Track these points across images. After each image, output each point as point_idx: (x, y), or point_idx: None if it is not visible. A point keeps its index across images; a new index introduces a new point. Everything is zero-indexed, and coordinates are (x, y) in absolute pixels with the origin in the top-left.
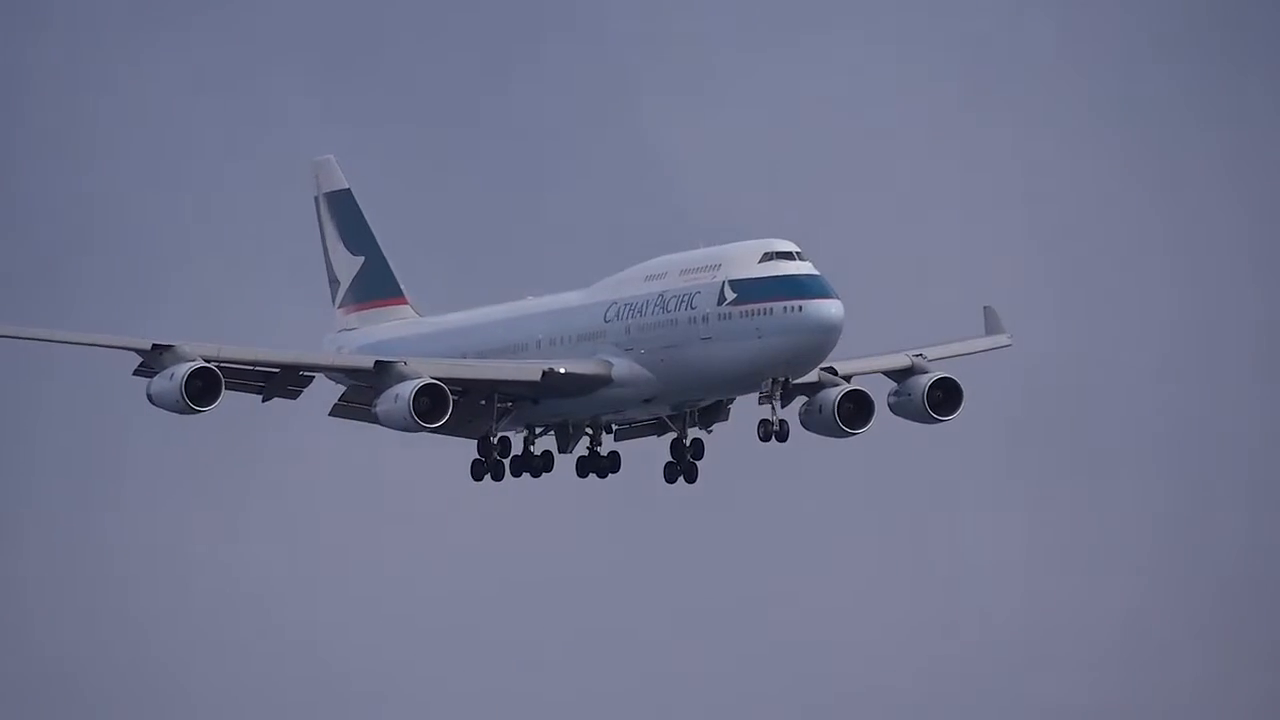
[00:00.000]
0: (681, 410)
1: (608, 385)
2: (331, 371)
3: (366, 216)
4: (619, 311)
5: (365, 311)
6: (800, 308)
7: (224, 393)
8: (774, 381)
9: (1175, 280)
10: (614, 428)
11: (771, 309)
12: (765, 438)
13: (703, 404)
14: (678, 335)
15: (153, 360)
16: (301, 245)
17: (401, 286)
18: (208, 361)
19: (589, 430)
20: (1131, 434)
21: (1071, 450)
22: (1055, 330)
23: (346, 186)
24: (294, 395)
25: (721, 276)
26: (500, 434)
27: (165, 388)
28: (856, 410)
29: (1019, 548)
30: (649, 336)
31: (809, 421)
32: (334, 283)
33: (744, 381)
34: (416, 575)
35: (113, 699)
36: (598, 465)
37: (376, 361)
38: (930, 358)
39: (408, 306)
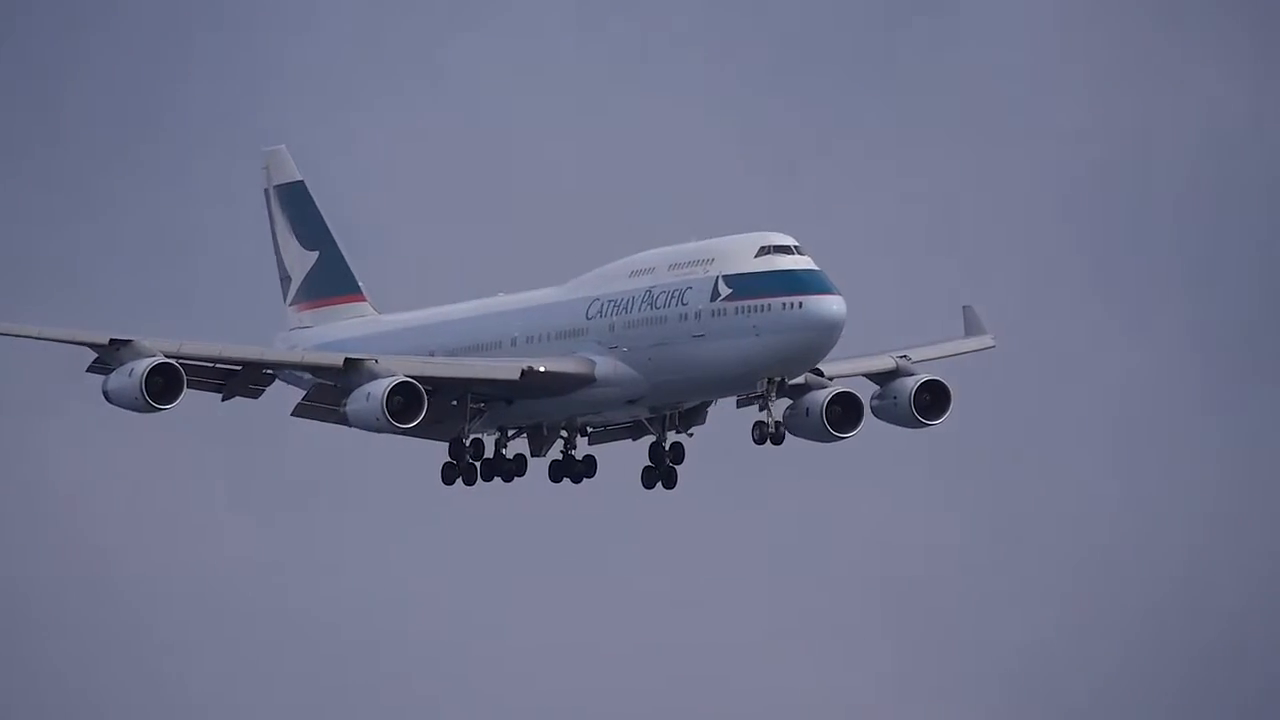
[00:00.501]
0: (661, 412)
1: (590, 385)
2: (299, 369)
3: (321, 210)
4: (602, 308)
5: (320, 309)
6: (800, 304)
7: (185, 391)
8: (769, 381)
9: (1154, 280)
10: (589, 430)
11: (769, 305)
12: (760, 440)
13: (687, 405)
14: (667, 333)
15: (109, 356)
16: (250, 240)
17: (359, 283)
18: (169, 357)
19: (564, 433)
20: (1116, 434)
21: (1058, 454)
22: (1037, 330)
23: (299, 179)
24: (255, 394)
25: (715, 271)
26: (473, 436)
27: (124, 384)
28: (844, 413)
29: (1006, 556)
30: (635, 334)
31: (794, 425)
32: (285, 279)
33: (738, 381)
34: (385, 583)
35: (69, 703)
36: (572, 470)
37: (346, 359)
38: (914, 360)
39: (366, 304)
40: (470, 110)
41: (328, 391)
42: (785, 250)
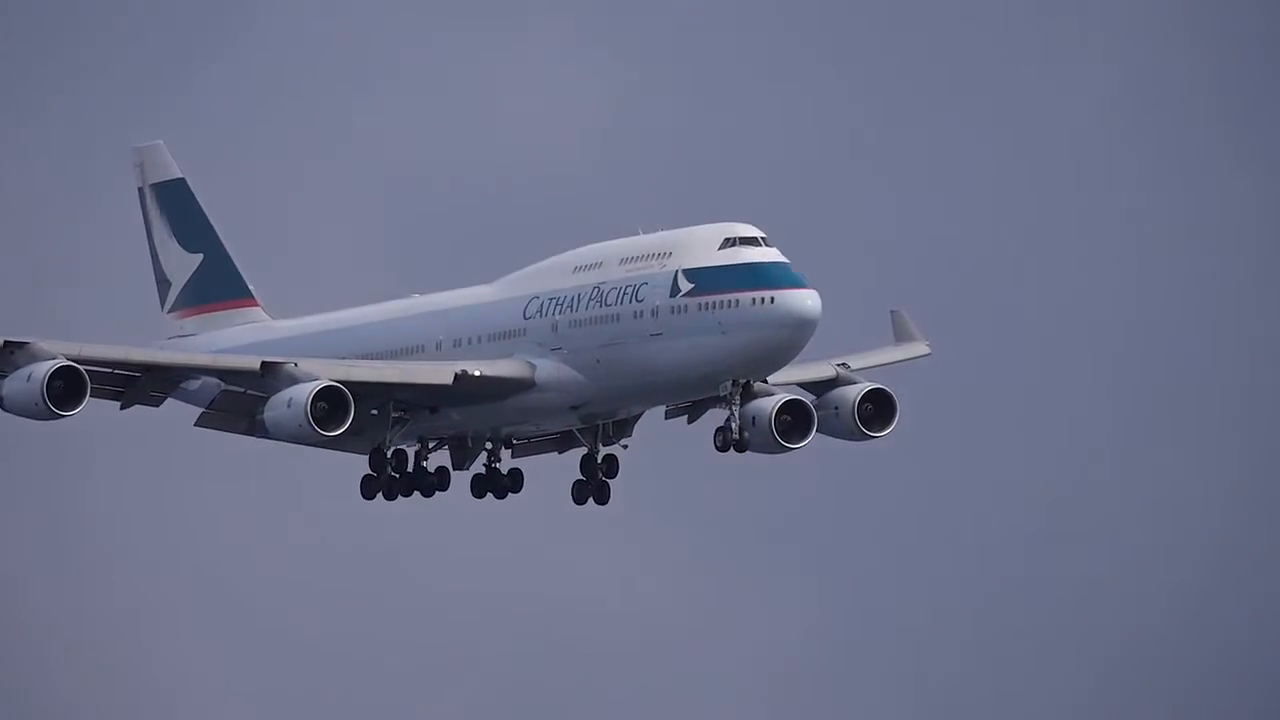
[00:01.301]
0: (602, 420)
1: (529, 390)
2: (208, 374)
3: (205, 209)
4: (542, 307)
5: (205, 315)
6: (771, 299)
7: (88, 396)
8: (734, 383)
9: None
10: (514, 442)
11: (737, 301)
12: (724, 447)
13: (634, 412)
14: (619, 332)
15: (3, 361)
16: (120, 243)
17: (250, 287)
18: (71, 360)
19: (488, 444)
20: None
21: (1006, 465)
22: (970, 334)
23: (180, 176)
24: (157, 402)
25: (674, 265)
26: (394, 447)
27: (21, 389)
28: (794, 423)
29: (957, 572)
30: (582, 334)
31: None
32: (163, 283)
33: (699, 383)
34: (302, 606)
35: None
36: (497, 484)
37: (264, 362)
38: (853, 368)
39: (258, 309)
40: (371, 97)
41: (237, 399)
42: (752, 242)
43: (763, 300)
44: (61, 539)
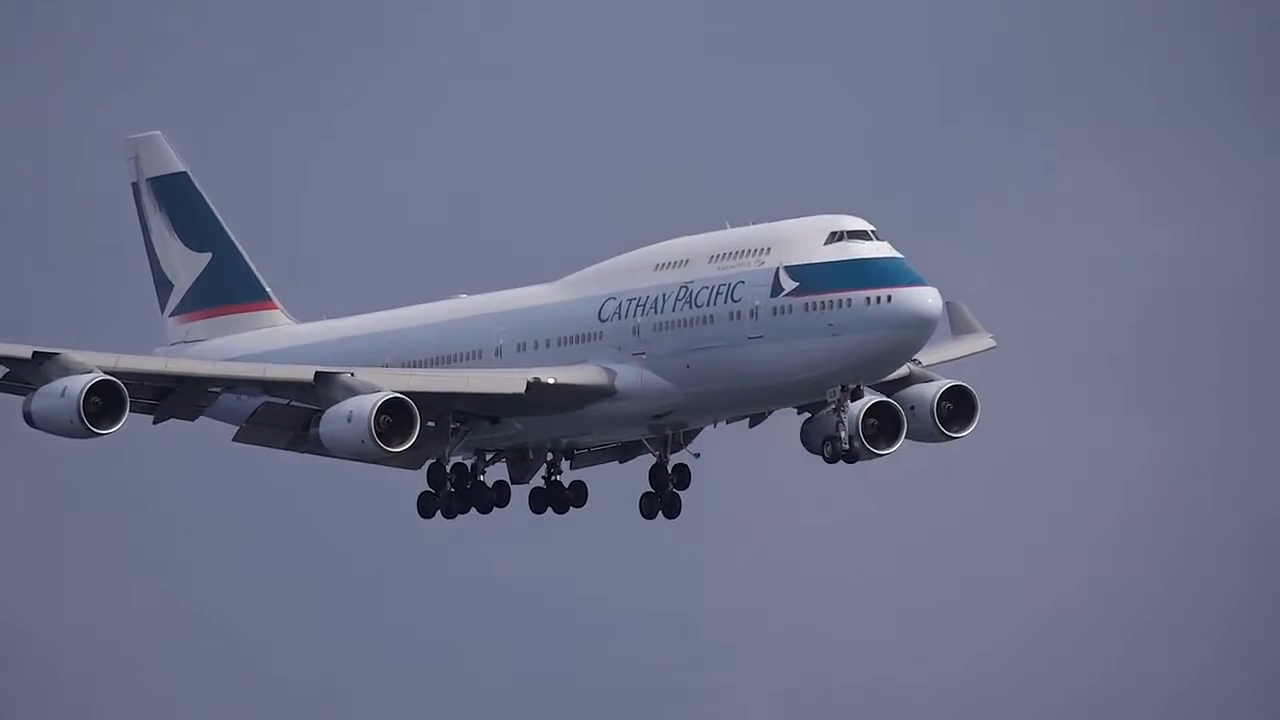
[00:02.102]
0: (666, 430)
1: (608, 398)
2: (254, 385)
3: (212, 204)
4: (620, 308)
5: (216, 319)
6: (889, 298)
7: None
8: (843, 389)
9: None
10: (575, 452)
11: (849, 300)
12: (833, 458)
13: (718, 421)
14: (712, 335)
15: (29, 373)
16: (111, 243)
17: (266, 287)
18: (108, 373)
19: (548, 456)
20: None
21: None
22: (1034, 328)
23: (182, 169)
24: (193, 416)
25: (774, 262)
26: (453, 460)
27: (54, 406)
28: (882, 427)
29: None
30: (669, 337)
31: (814, 440)
32: (164, 286)
33: (803, 388)
34: (359, 635)
35: None
36: (558, 498)
37: (318, 372)
38: (923, 363)
39: (277, 311)
40: (400, 78)
41: (281, 412)
42: (861, 236)
43: (879, 299)
44: (103, 563)
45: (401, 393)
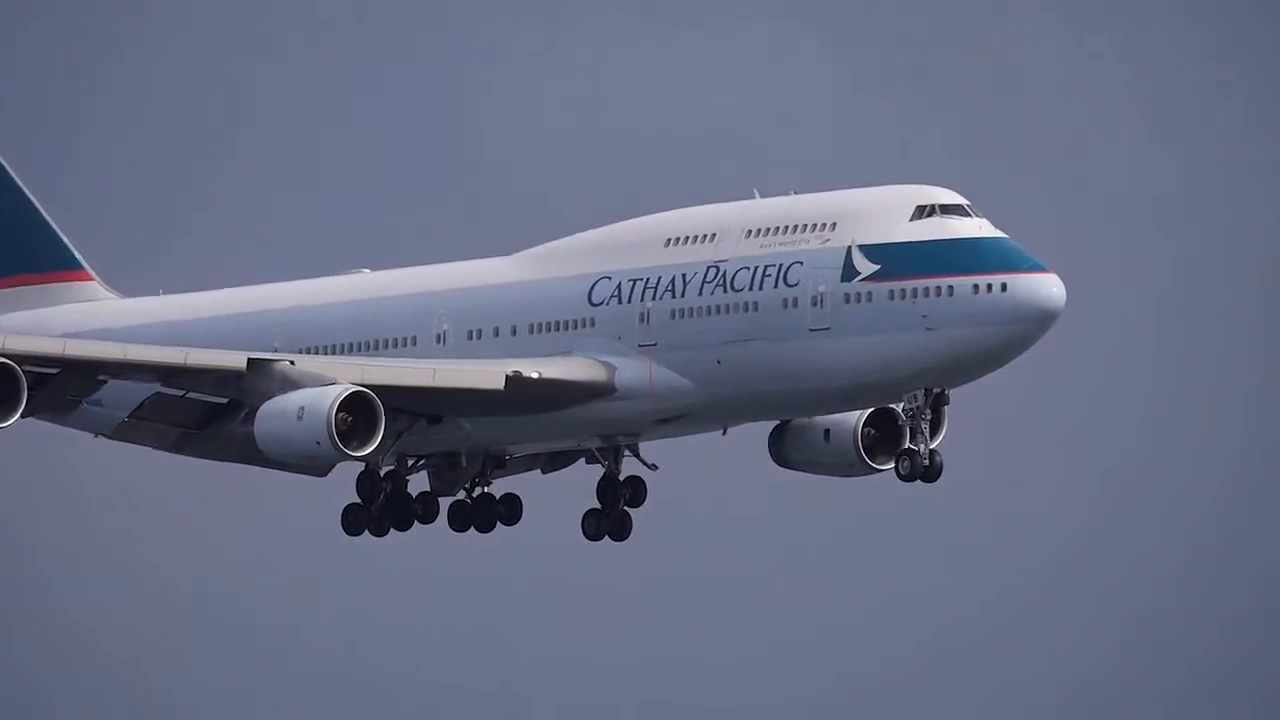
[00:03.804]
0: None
1: (605, 397)
2: (157, 372)
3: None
4: (620, 290)
5: (7, 290)
6: (1003, 286)
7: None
8: (926, 392)
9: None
10: (506, 459)
11: (951, 288)
12: (910, 476)
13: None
14: (757, 325)
15: None
16: None
17: (76, 254)
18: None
19: (482, 463)
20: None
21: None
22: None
23: None
24: (68, 410)
25: (843, 239)
26: (386, 467)
27: None
28: (880, 439)
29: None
30: (693, 327)
31: (798, 456)
32: None
33: (878, 391)
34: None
35: None
36: (486, 514)
37: (251, 360)
38: None
39: (94, 283)
40: None
41: (174, 406)
42: (956, 211)
43: (990, 287)
44: None
45: (365, 386)
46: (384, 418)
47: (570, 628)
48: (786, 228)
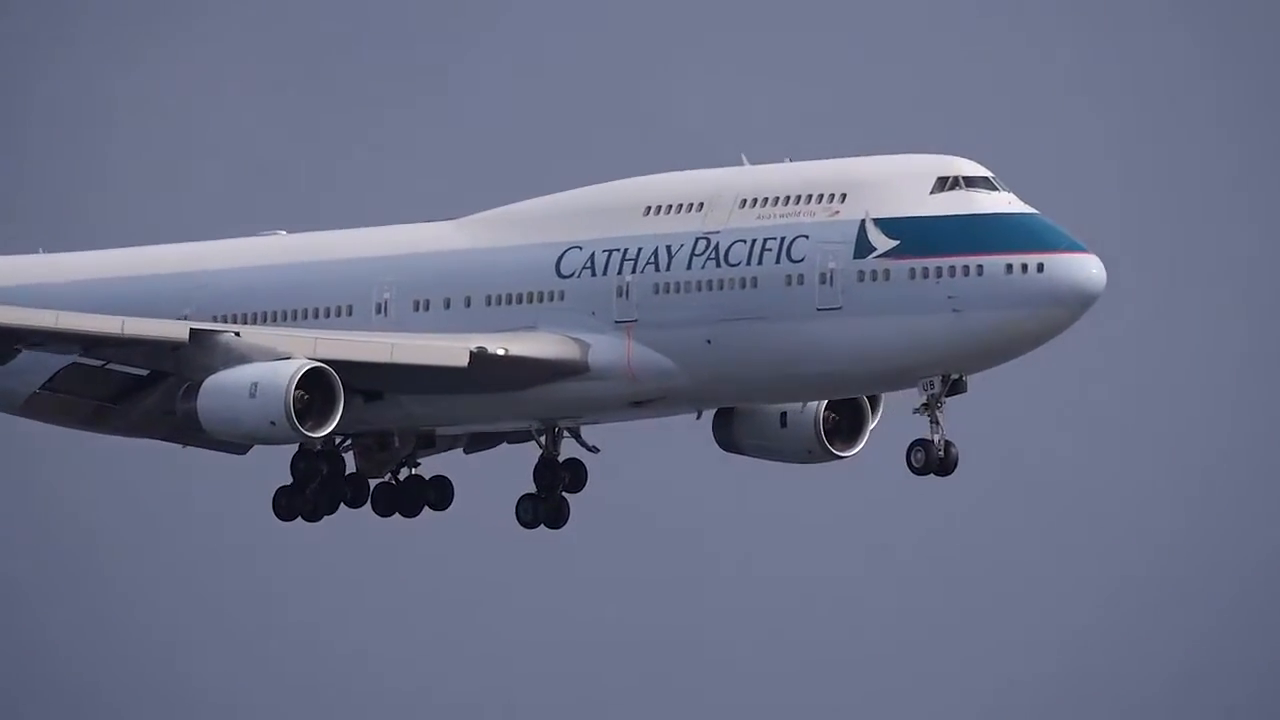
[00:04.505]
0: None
1: (576, 377)
2: (79, 341)
3: None
4: (593, 261)
5: None
6: (1039, 266)
7: None
8: (943, 380)
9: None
10: (435, 439)
11: (981, 267)
12: (924, 468)
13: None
14: (756, 303)
15: None
16: None
17: None
18: None
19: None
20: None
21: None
22: None
23: None
24: None
25: (855, 212)
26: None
27: None
28: (840, 423)
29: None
30: (679, 303)
31: (748, 440)
32: None
33: (891, 377)
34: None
35: None
36: (413, 497)
37: (193, 330)
38: None
39: None
40: None
41: (91, 378)
42: (983, 184)
43: (1025, 267)
44: None
45: (323, 361)
46: (342, 396)
47: (501, 621)
48: (788, 198)
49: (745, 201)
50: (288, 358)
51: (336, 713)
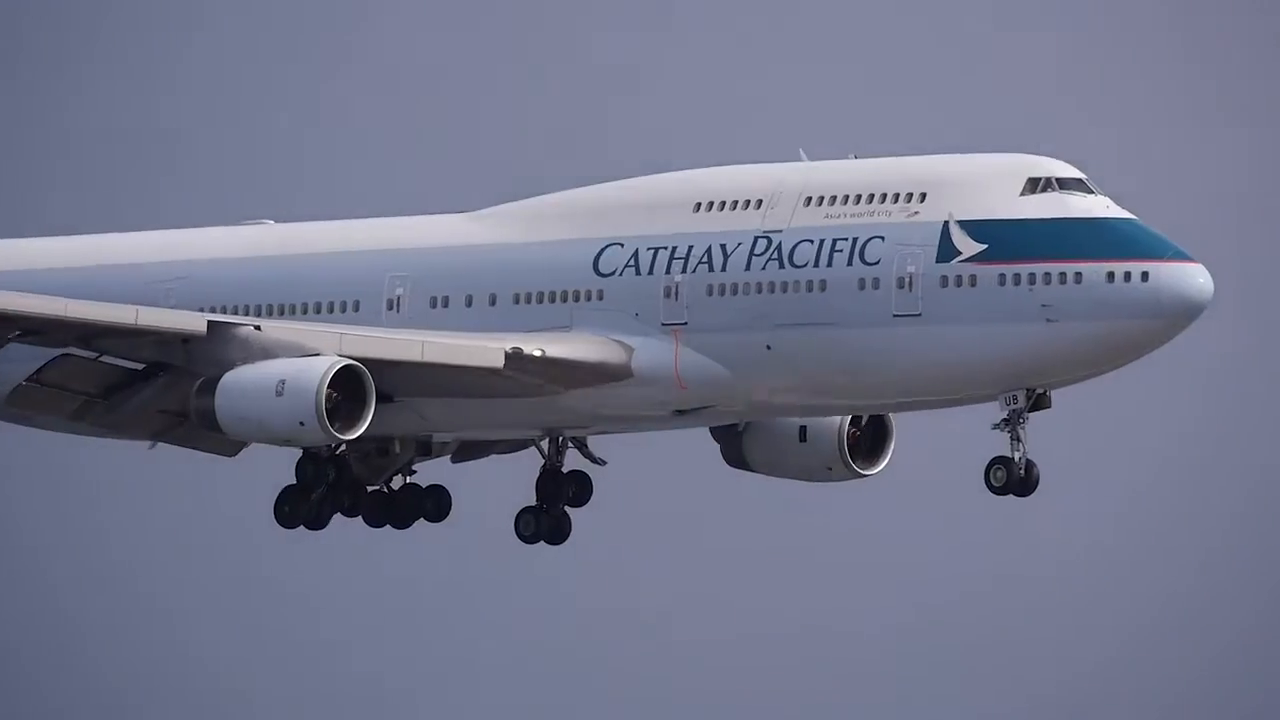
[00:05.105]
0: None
1: (618, 383)
2: (79, 331)
3: None
4: (639, 258)
5: None
6: (1144, 275)
7: None
8: (1028, 394)
9: None
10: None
11: (1079, 274)
12: (1005, 487)
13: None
14: (825, 308)
15: None
16: None
17: None
18: None
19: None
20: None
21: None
22: None
23: None
24: None
25: (938, 213)
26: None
27: None
28: (863, 438)
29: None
30: (736, 306)
31: (759, 456)
32: None
33: (971, 389)
34: None
35: None
36: (409, 507)
37: (211, 322)
38: None
39: None
40: None
41: (82, 371)
42: (1077, 186)
43: (1128, 276)
44: None
45: (356, 359)
46: (374, 396)
47: (495, 642)
48: (859, 196)
49: (810, 199)
50: (316, 354)
51: None
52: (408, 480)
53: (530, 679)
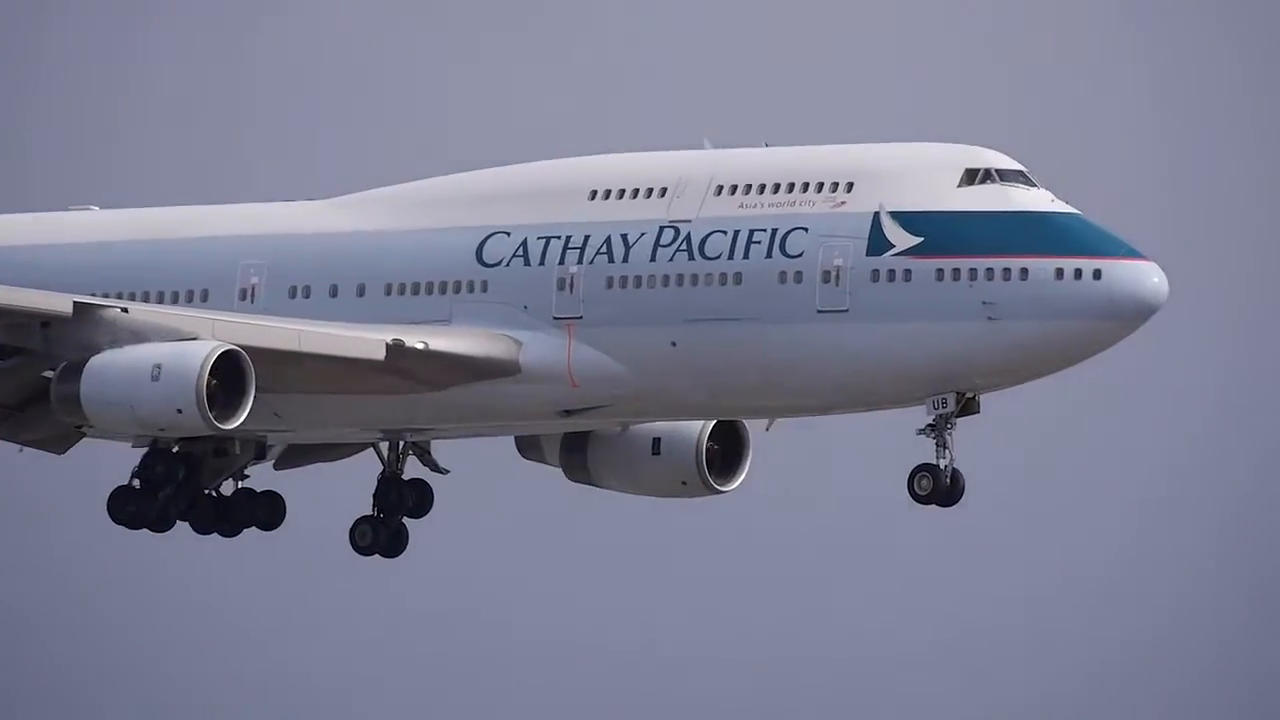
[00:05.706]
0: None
1: (503, 379)
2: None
3: None
4: (527, 248)
5: None
6: (1096, 273)
7: None
8: (959, 397)
9: None
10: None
11: (1025, 270)
12: (929, 496)
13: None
14: (743, 303)
15: None
16: None
17: None
18: None
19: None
20: None
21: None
22: None
23: None
24: None
25: (867, 204)
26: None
27: None
28: (719, 453)
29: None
30: (640, 300)
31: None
32: None
33: (901, 390)
34: None
35: None
36: (240, 512)
37: (77, 303)
38: None
39: None
40: None
41: None
42: (1018, 178)
43: (1078, 273)
44: None
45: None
46: (254, 385)
47: (324, 659)
48: (777, 185)
49: (722, 188)
50: (193, 338)
51: None
52: (239, 485)
53: (359, 695)
